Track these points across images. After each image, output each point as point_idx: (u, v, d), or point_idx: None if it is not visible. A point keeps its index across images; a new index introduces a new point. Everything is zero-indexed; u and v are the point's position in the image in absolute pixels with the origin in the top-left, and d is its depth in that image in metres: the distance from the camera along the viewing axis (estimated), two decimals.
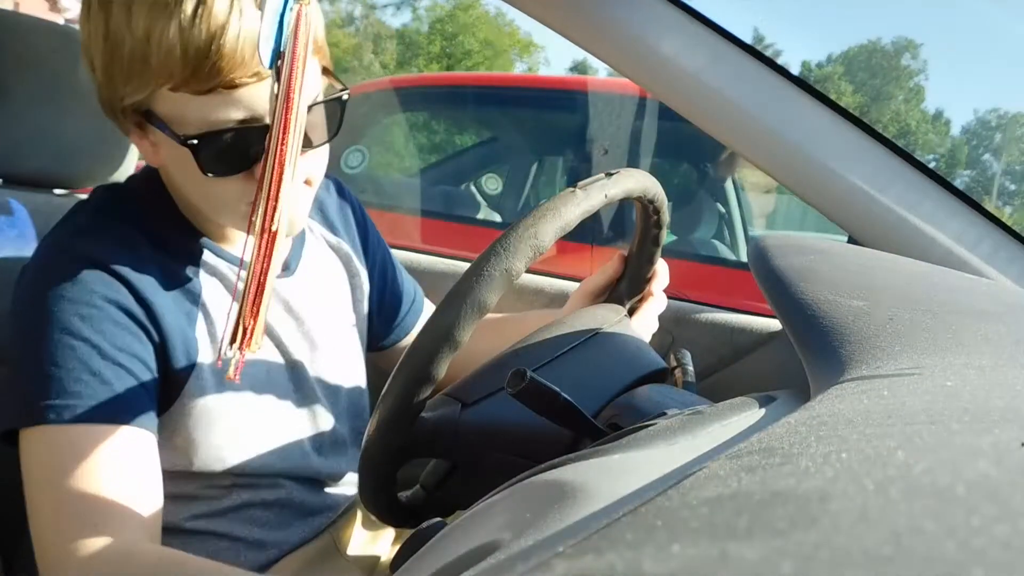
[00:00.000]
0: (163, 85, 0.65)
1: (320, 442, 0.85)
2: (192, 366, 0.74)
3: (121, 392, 0.68)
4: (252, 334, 0.63)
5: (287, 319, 0.83)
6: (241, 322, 0.63)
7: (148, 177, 0.79)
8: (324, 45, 0.73)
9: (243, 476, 0.78)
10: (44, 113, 0.94)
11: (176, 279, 0.75)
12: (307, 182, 0.74)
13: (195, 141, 0.66)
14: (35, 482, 0.66)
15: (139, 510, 0.67)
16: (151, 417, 0.70)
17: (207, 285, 0.77)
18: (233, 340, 0.63)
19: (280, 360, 0.82)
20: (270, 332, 0.81)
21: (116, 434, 0.67)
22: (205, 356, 0.75)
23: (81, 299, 0.68)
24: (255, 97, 0.66)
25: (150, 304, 0.71)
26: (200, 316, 0.75)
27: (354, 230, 0.97)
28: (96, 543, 0.63)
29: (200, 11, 0.62)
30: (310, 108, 0.70)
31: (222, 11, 0.62)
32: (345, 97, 0.74)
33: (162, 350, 0.72)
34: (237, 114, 0.66)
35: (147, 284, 0.71)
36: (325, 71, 0.75)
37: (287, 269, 0.85)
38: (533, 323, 0.95)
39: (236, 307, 0.63)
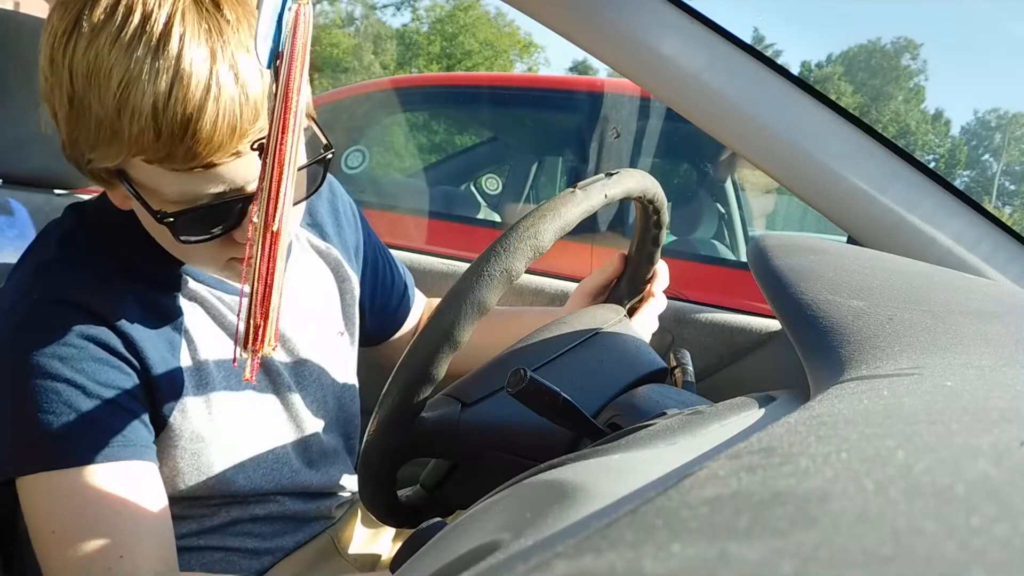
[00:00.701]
0: (135, 157, 0.60)
1: (310, 456, 0.84)
2: (177, 397, 0.71)
3: (113, 428, 0.66)
4: (264, 334, 0.62)
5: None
6: (252, 321, 0.62)
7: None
8: (312, 109, 0.69)
9: (232, 496, 0.77)
10: (44, 113, 0.94)
11: (155, 308, 0.71)
12: None
13: (171, 219, 0.63)
14: (40, 531, 0.65)
15: (153, 544, 0.66)
16: (149, 448, 0.69)
17: (189, 312, 0.74)
18: (246, 341, 0.62)
19: (265, 377, 0.80)
20: None
21: (115, 471, 0.65)
22: (190, 385, 0.72)
23: (58, 340, 0.65)
24: (235, 172, 0.62)
25: (130, 337, 0.68)
26: (184, 344, 0.73)
27: (345, 230, 0.94)
28: None
29: (175, 89, 0.57)
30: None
31: (198, 89, 0.57)
32: (329, 156, 0.71)
33: (146, 382, 0.69)
34: (216, 188, 0.63)
35: (124, 317, 0.68)
36: (312, 120, 0.70)
37: None
38: (529, 320, 0.95)
39: (245, 307, 0.62)
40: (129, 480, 0.66)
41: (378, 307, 0.99)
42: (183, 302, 0.74)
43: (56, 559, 0.64)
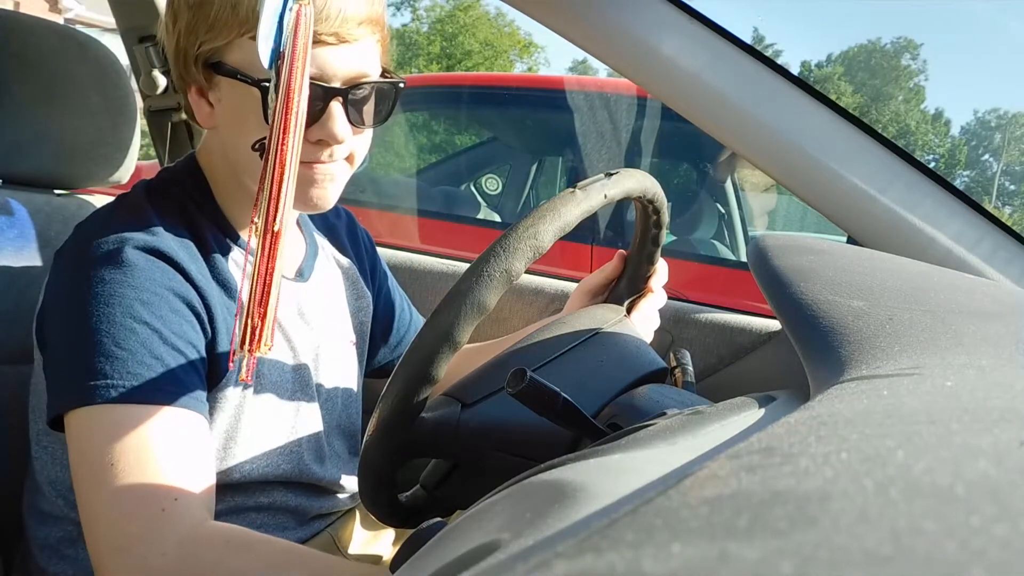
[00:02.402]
0: (245, 35, 0.67)
1: (314, 452, 0.85)
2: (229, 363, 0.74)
3: (180, 378, 0.68)
4: (260, 334, 0.63)
5: (299, 324, 0.83)
6: (249, 321, 0.62)
7: (188, 169, 0.80)
8: (385, 31, 0.74)
9: (240, 481, 0.78)
10: (44, 113, 0.94)
11: (217, 273, 0.76)
12: (349, 159, 0.75)
13: (267, 82, 0.66)
14: (96, 465, 0.64)
15: (202, 492, 0.66)
16: (204, 403, 0.71)
17: (239, 281, 0.77)
18: (243, 341, 0.63)
19: (289, 363, 0.82)
20: (283, 334, 0.81)
21: (177, 417, 0.67)
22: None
23: (144, 286, 0.69)
24: (327, 59, 0.68)
25: (205, 295, 0.73)
26: (237, 313, 0.75)
27: (364, 258, 0.99)
28: (163, 525, 0.62)
29: None
30: (364, 88, 0.71)
31: None
32: (401, 85, 0.75)
33: (211, 344, 0.73)
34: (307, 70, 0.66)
35: (200, 276, 0.73)
36: (384, 72, 0.76)
37: (301, 275, 0.86)
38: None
39: (244, 306, 0.63)
40: (190, 428, 0.68)
41: (385, 335, 1.02)
42: (232, 271, 0.77)
43: (109, 494, 0.63)
